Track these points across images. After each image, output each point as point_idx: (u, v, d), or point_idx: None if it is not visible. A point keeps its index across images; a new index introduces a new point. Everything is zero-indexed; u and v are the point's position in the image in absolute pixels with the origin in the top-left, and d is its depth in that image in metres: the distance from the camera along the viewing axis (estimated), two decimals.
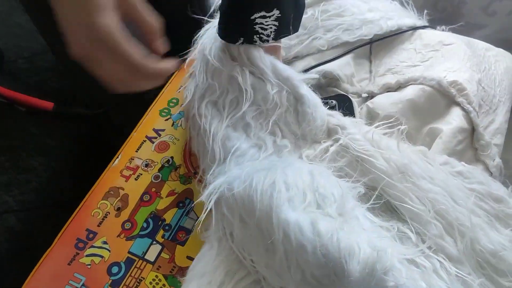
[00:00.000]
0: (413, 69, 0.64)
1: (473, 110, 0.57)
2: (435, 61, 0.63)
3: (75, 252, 0.56)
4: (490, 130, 0.58)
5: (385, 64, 0.66)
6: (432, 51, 0.64)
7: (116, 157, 0.64)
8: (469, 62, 0.60)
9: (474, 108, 0.57)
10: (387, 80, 0.64)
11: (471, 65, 0.60)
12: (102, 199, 0.60)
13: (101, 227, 0.58)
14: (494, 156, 0.57)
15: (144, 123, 0.67)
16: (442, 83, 0.58)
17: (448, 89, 0.57)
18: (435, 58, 0.63)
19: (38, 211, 0.71)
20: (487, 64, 0.62)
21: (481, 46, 0.66)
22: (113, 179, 0.62)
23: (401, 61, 0.65)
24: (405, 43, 0.67)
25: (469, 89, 0.57)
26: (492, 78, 0.61)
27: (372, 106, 0.62)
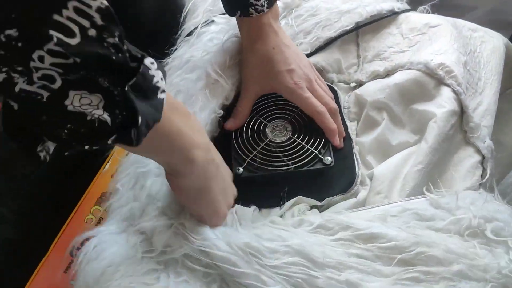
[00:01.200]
0: (401, 54, 0.63)
1: (463, 92, 0.56)
2: (422, 45, 0.62)
3: (70, 260, 0.56)
4: (478, 112, 0.58)
5: (373, 48, 0.66)
6: (419, 35, 0.64)
7: (107, 162, 0.64)
8: (456, 44, 0.60)
9: (463, 90, 0.57)
10: (375, 67, 0.64)
11: (457, 46, 0.60)
12: (94, 204, 0.60)
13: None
14: (484, 138, 0.56)
15: None
16: (429, 66, 0.57)
17: (436, 71, 0.57)
18: (422, 42, 0.63)
19: (33, 219, 0.71)
20: (472, 47, 0.62)
21: (467, 27, 0.65)
22: (104, 184, 0.62)
23: (389, 46, 0.65)
24: (391, 27, 0.67)
25: (456, 71, 0.57)
26: (477, 61, 0.61)
27: (360, 93, 0.62)
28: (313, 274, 0.43)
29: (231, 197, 0.51)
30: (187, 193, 0.46)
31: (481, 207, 0.47)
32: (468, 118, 0.56)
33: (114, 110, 0.33)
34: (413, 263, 0.44)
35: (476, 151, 0.57)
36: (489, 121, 0.59)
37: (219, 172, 0.47)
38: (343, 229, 0.46)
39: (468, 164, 0.56)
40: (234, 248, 0.44)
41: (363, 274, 0.43)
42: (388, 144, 0.58)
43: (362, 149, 0.59)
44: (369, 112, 0.60)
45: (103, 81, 0.32)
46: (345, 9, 0.65)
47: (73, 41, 0.29)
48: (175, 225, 0.47)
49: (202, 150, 0.44)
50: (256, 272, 0.43)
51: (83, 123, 0.32)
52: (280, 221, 0.49)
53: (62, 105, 0.31)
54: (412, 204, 0.48)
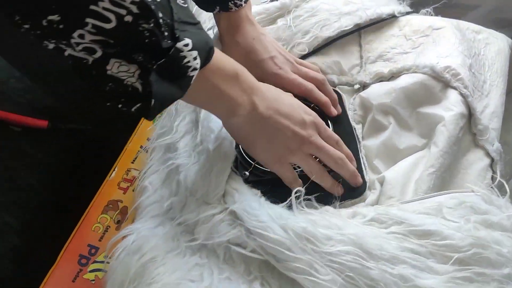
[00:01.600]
0: (405, 56, 0.63)
1: (470, 95, 0.56)
2: (426, 47, 0.62)
3: (79, 269, 0.56)
4: (485, 114, 0.57)
5: (376, 49, 0.65)
6: (423, 37, 0.64)
7: (113, 170, 0.64)
8: (460, 46, 0.60)
9: (470, 92, 0.56)
10: (379, 68, 0.63)
11: (462, 49, 0.59)
12: (101, 213, 0.60)
13: (102, 241, 0.58)
14: (493, 141, 0.56)
15: (138, 134, 0.66)
16: (435, 69, 0.57)
17: (442, 74, 0.57)
18: (426, 44, 0.63)
19: (40, 229, 0.71)
20: (476, 49, 0.62)
21: (471, 28, 0.65)
22: (111, 192, 0.62)
23: (392, 47, 0.65)
24: (394, 29, 0.66)
25: (463, 74, 0.57)
26: (481, 64, 0.61)
27: (366, 96, 0.61)
28: (367, 264, 0.43)
29: (293, 141, 0.50)
30: (236, 137, 0.52)
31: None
32: (476, 121, 0.56)
33: (148, 79, 0.38)
34: (468, 263, 0.44)
35: (486, 154, 0.56)
36: (496, 123, 0.58)
37: (271, 122, 0.49)
38: (396, 223, 0.46)
39: (479, 167, 0.55)
40: (289, 233, 0.44)
41: (416, 270, 0.43)
42: (396, 148, 0.57)
43: (368, 153, 0.59)
44: (375, 116, 0.60)
45: (137, 57, 0.37)
46: (346, 11, 0.65)
47: (108, 26, 0.34)
48: (222, 213, 0.48)
49: (244, 108, 0.47)
50: (309, 259, 0.43)
51: (121, 86, 0.38)
52: (334, 211, 0.49)
53: (103, 68, 0.37)
54: (467, 197, 0.48)
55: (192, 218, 0.48)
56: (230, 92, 0.46)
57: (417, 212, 0.47)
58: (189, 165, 0.52)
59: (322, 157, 0.52)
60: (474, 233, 0.44)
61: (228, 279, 0.46)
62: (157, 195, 0.55)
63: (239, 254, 0.47)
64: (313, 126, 0.52)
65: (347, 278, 0.43)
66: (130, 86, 0.38)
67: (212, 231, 0.47)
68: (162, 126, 0.61)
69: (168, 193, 0.54)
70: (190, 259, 0.47)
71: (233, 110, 0.47)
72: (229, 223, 0.47)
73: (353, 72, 0.65)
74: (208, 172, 0.50)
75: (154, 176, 0.57)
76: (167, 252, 0.48)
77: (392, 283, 0.42)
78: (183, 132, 0.57)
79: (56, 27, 0.33)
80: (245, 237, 0.46)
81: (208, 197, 0.49)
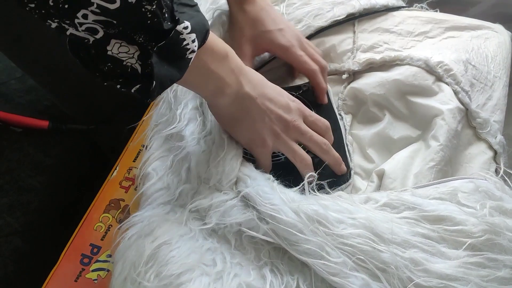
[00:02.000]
0: (395, 52, 0.62)
1: (461, 91, 0.56)
2: (418, 48, 0.62)
3: (81, 268, 0.55)
4: (488, 107, 0.57)
5: (369, 40, 0.64)
6: (415, 41, 0.63)
7: (114, 168, 0.63)
8: (454, 47, 0.60)
9: (462, 88, 0.56)
10: (371, 55, 0.62)
11: (456, 48, 0.60)
12: (103, 212, 0.60)
13: (104, 240, 0.57)
14: (496, 133, 0.55)
15: (139, 132, 0.66)
16: (429, 63, 0.57)
17: (435, 69, 0.57)
18: (418, 47, 0.63)
19: (42, 230, 0.71)
20: (475, 45, 0.61)
21: (469, 27, 0.65)
22: (112, 191, 0.61)
23: (385, 42, 0.64)
24: (388, 24, 0.66)
25: (455, 70, 0.57)
26: (484, 56, 0.60)
27: (358, 87, 0.61)
28: (378, 247, 0.43)
29: (277, 125, 0.50)
30: (220, 118, 0.52)
31: None
32: (474, 114, 0.56)
33: (146, 61, 0.38)
34: (480, 249, 0.44)
35: (489, 147, 0.56)
36: (499, 116, 0.58)
37: (256, 104, 0.49)
38: (408, 208, 0.46)
39: (481, 160, 0.55)
40: (301, 216, 0.44)
41: (427, 254, 0.43)
42: (390, 139, 0.57)
43: (362, 142, 0.59)
44: (370, 108, 0.60)
45: (138, 38, 0.38)
46: (339, 0, 0.65)
47: (112, 6, 0.35)
48: (234, 199, 0.48)
49: (232, 88, 0.48)
50: (321, 242, 0.43)
51: (120, 66, 0.39)
52: (347, 197, 0.49)
53: (104, 49, 0.38)
54: (482, 183, 0.48)
55: (204, 204, 0.49)
56: (219, 71, 0.46)
57: (431, 197, 0.47)
58: (199, 153, 0.53)
59: (306, 142, 0.52)
60: (489, 219, 0.44)
61: (239, 264, 0.46)
62: (162, 182, 0.55)
63: (249, 242, 0.48)
64: (297, 111, 0.52)
65: (358, 260, 0.43)
66: (129, 67, 0.39)
67: (224, 215, 0.47)
68: (161, 114, 0.61)
69: (177, 180, 0.54)
70: (203, 243, 0.48)
71: (221, 90, 0.47)
72: (241, 208, 0.48)
73: (344, 57, 0.64)
74: (222, 160, 0.50)
75: (157, 163, 0.57)
76: (180, 236, 0.48)
77: (403, 266, 0.42)
78: (187, 119, 0.56)
79: (61, 6, 0.34)
80: (257, 221, 0.46)
81: (221, 184, 0.50)
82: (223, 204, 0.48)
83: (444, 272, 0.42)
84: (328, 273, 0.43)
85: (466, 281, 0.42)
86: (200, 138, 0.54)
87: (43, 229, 0.71)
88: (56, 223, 0.70)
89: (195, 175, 0.52)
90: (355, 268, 0.43)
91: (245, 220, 0.47)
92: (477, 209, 0.45)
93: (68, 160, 0.77)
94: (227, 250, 0.47)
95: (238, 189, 0.49)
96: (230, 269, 0.45)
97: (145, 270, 0.45)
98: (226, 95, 0.48)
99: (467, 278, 0.42)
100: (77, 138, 0.79)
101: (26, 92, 0.80)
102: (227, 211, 0.47)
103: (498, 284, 0.43)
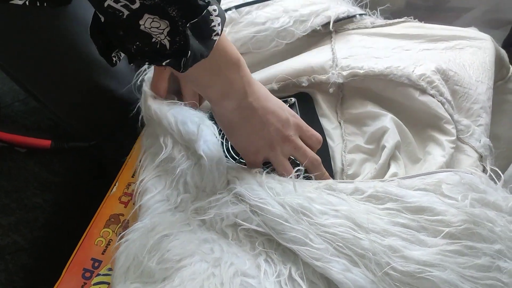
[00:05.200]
0: (375, 60, 0.62)
1: (446, 102, 0.57)
2: (396, 58, 0.62)
3: (83, 283, 0.57)
4: (474, 111, 0.58)
5: (347, 51, 0.64)
6: (393, 52, 0.64)
7: (114, 184, 0.65)
8: (432, 58, 0.61)
9: (446, 98, 0.57)
10: (352, 64, 0.61)
11: (434, 59, 0.60)
12: (104, 227, 0.62)
13: (105, 254, 0.59)
14: (480, 137, 0.56)
15: (137, 149, 0.68)
16: (411, 78, 0.58)
17: (418, 82, 0.57)
18: (395, 56, 0.63)
19: (48, 247, 0.73)
20: (450, 57, 0.62)
21: (442, 39, 0.65)
22: (112, 207, 0.63)
23: (364, 53, 0.64)
24: (363, 44, 0.66)
25: (437, 81, 0.57)
26: (461, 65, 0.61)
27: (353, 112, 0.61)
28: (358, 236, 0.45)
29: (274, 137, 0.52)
30: (221, 121, 0.54)
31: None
32: (456, 124, 0.57)
33: (175, 38, 0.41)
34: (459, 237, 0.45)
35: (473, 150, 0.57)
36: (485, 118, 0.59)
37: (257, 115, 0.51)
38: (392, 200, 0.48)
39: (467, 164, 0.56)
40: (286, 208, 0.48)
41: (406, 242, 0.45)
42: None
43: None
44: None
45: (172, 11, 0.39)
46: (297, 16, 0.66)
47: None
48: (228, 196, 0.52)
49: (237, 94, 0.50)
50: (305, 230, 0.47)
51: (148, 43, 0.41)
52: (334, 187, 0.51)
53: (137, 23, 0.39)
54: (467, 176, 0.49)
55: (203, 204, 0.53)
56: (229, 75, 0.48)
57: (415, 189, 0.49)
58: (191, 167, 0.55)
59: (299, 156, 0.54)
60: (469, 210, 0.46)
61: (235, 254, 0.49)
62: (162, 195, 0.57)
63: (245, 235, 0.51)
64: (295, 126, 0.54)
65: (339, 247, 0.46)
66: (158, 43, 0.41)
67: (221, 208, 0.51)
68: (150, 142, 0.62)
69: (176, 193, 0.56)
70: (201, 235, 0.51)
71: (227, 93, 0.49)
72: (235, 202, 0.51)
73: (325, 66, 0.62)
74: (209, 169, 0.53)
75: (155, 179, 0.59)
76: (180, 230, 0.51)
77: (381, 252, 0.44)
78: (172, 143, 0.58)
79: None
80: (249, 213, 0.50)
81: (216, 188, 0.53)
82: (219, 200, 0.52)
83: (421, 259, 0.44)
84: (311, 258, 0.46)
85: (443, 267, 0.44)
86: (189, 155, 0.56)
87: (49, 246, 0.73)
88: (61, 239, 0.72)
89: (192, 185, 0.55)
90: (336, 254, 0.46)
91: (240, 211, 0.50)
92: (459, 200, 0.47)
93: (71, 177, 0.79)
94: (224, 241, 0.51)
95: (229, 187, 0.53)
96: (227, 258, 0.48)
97: (149, 257, 0.49)
98: (230, 100, 0.50)
99: (444, 265, 0.44)
100: (79, 155, 0.81)
101: (30, 114, 0.83)
102: (224, 205, 0.51)
103: (476, 271, 0.44)
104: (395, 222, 0.47)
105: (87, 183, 0.79)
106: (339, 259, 0.45)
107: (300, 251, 0.46)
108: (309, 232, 0.47)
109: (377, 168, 0.55)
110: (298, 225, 0.47)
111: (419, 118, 0.59)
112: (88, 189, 0.77)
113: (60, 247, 0.72)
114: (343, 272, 0.45)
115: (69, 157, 0.80)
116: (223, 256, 0.49)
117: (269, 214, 0.48)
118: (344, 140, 0.60)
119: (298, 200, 0.48)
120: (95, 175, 0.79)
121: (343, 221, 0.46)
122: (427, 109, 0.57)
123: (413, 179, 0.50)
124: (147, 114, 0.60)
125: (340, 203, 0.48)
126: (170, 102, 0.59)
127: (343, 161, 0.58)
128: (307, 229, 0.47)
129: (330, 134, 0.61)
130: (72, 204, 0.77)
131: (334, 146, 0.60)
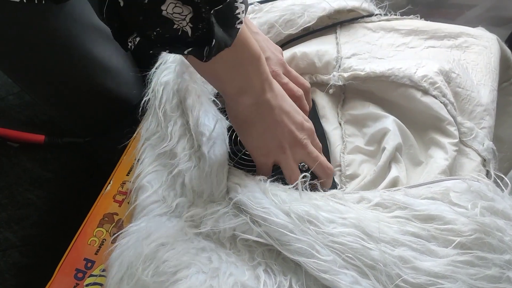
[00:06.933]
0: (378, 60, 0.62)
1: (449, 103, 0.56)
2: (400, 58, 0.62)
3: (75, 283, 0.56)
4: (477, 114, 0.57)
5: (352, 48, 0.64)
6: (397, 51, 0.63)
7: (108, 182, 0.64)
8: (435, 58, 0.60)
9: (449, 99, 0.56)
10: (354, 66, 0.61)
11: (438, 59, 0.59)
12: (97, 226, 0.60)
13: (98, 255, 0.58)
14: (483, 140, 0.55)
15: (132, 146, 0.67)
16: (413, 79, 0.57)
17: (420, 83, 0.56)
18: (399, 56, 0.63)
19: (41, 244, 0.72)
20: (455, 56, 0.61)
21: (449, 35, 0.64)
22: (106, 205, 0.62)
23: (367, 51, 0.63)
24: (368, 39, 0.65)
25: (440, 82, 0.56)
26: (464, 68, 0.60)
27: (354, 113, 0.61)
28: (367, 245, 0.44)
29: (287, 139, 0.51)
30: (234, 119, 0.51)
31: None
32: (459, 126, 0.56)
33: (197, 25, 0.39)
34: (470, 247, 0.44)
35: (476, 154, 0.56)
36: (488, 121, 0.58)
37: (273, 114, 0.50)
38: (400, 208, 0.47)
39: (470, 168, 0.55)
40: (291, 216, 0.46)
41: (417, 252, 0.44)
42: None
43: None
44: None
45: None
46: (309, 2, 0.65)
47: None
48: (226, 207, 0.50)
49: (255, 90, 0.48)
50: (311, 241, 0.45)
51: (169, 30, 0.38)
52: (341, 196, 0.50)
53: (159, 8, 0.37)
54: (474, 183, 0.48)
55: (199, 213, 0.50)
56: (249, 70, 0.47)
57: (423, 197, 0.48)
58: (191, 169, 0.54)
59: (310, 162, 0.52)
60: (479, 219, 0.45)
61: (234, 264, 0.48)
62: (158, 195, 0.56)
63: (243, 244, 0.49)
64: (309, 131, 0.52)
65: (347, 258, 0.44)
66: (180, 30, 0.39)
67: (218, 221, 0.49)
68: (152, 130, 0.61)
69: (173, 194, 0.55)
70: (199, 244, 0.49)
71: (244, 89, 0.48)
72: (234, 214, 0.49)
73: (329, 67, 0.63)
74: (208, 174, 0.51)
75: (152, 176, 0.58)
76: (176, 239, 0.49)
77: (391, 263, 0.43)
78: (178, 136, 0.57)
79: None
80: (250, 224, 0.48)
81: (214, 196, 0.51)
82: (216, 212, 0.50)
83: (433, 270, 0.42)
84: (318, 270, 0.44)
85: (455, 279, 0.42)
86: (191, 154, 0.54)
87: (42, 243, 0.72)
88: (53, 237, 0.71)
89: (190, 189, 0.53)
90: (344, 265, 0.44)
91: (238, 224, 0.48)
92: (468, 208, 0.46)
93: (65, 174, 0.78)
94: (222, 250, 0.49)
95: (231, 197, 0.50)
96: (226, 268, 0.47)
97: (143, 268, 0.47)
98: (247, 96, 0.48)
99: (455, 276, 0.42)
100: (73, 152, 0.80)
101: (24, 108, 0.81)
102: (221, 217, 0.49)
103: (487, 283, 0.43)
104: (405, 231, 0.45)
105: (81, 180, 0.77)
106: (347, 271, 0.43)
107: (306, 263, 0.44)
108: (315, 243, 0.44)
109: (377, 170, 0.54)
110: (304, 236, 0.45)
111: (421, 120, 0.57)
112: (82, 186, 0.76)
113: (52, 245, 0.71)
114: (351, 285, 0.43)
115: (63, 153, 0.79)
116: (222, 266, 0.47)
117: (273, 224, 0.46)
118: (344, 141, 0.59)
119: (305, 208, 0.46)
120: (89, 172, 0.78)
121: (351, 229, 0.45)
122: (429, 110, 0.56)
123: (419, 188, 0.49)
124: (178, 84, 0.59)
125: (347, 210, 0.47)
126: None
127: (342, 161, 0.57)
128: (313, 240, 0.44)
129: (330, 135, 0.60)
130: (66, 201, 0.75)
131: (334, 147, 0.59)
